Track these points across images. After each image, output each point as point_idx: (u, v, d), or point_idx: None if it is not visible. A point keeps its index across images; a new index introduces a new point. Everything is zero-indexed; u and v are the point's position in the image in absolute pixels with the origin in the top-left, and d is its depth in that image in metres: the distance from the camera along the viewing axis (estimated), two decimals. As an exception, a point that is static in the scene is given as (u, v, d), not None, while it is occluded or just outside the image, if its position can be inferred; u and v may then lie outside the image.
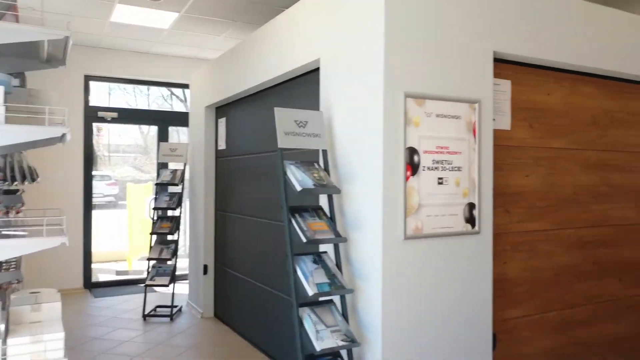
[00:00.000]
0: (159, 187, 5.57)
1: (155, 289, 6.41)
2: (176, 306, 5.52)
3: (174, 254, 5.38)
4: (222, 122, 5.16)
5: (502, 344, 3.14)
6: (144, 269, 6.93)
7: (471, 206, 2.85)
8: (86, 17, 5.39)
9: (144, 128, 9.32)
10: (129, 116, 7.16)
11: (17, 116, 2.09)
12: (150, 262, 5.40)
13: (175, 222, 5.46)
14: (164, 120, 7.26)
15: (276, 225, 3.96)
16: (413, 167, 2.65)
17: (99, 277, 7.00)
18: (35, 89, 2.59)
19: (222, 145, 5.14)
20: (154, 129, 7.41)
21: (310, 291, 2.55)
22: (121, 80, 7.00)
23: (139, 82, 7.14)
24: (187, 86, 6.79)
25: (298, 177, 2.72)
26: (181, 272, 6.90)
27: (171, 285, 5.30)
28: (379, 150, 2.58)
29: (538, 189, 3.32)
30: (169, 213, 5.56)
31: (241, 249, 4.67)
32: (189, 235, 5.92)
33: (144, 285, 5.39)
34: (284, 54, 3.63)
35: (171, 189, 5.89)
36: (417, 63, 2.68)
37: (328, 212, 2.88)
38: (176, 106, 8.35)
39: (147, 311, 5.29)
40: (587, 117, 3.55)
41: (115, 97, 7.91)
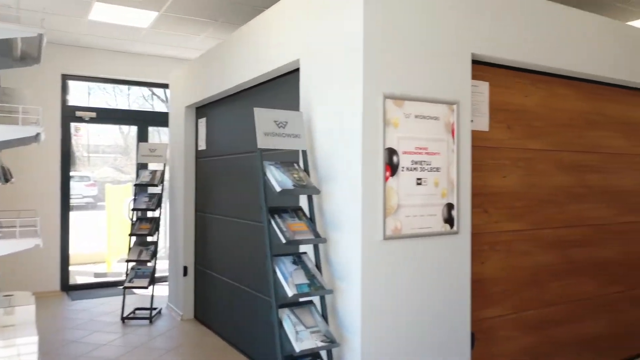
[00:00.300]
0: (138, 187, 5.50)
1: (135, 291, 6.33)
2: (155, 308, 5.46)
3: (154, 255, 5.32)
4: (202, 122, 5.12)
5: (480, 343, 3.17)
6: (123, 271, 6.84)
7: (450, 206, 2.87)
8: (63, 14, 5.30)
9: (124, 128, 9.20)
10: (107, 116, 7.06)
11: (-11, 115, 2.05)
12: (129, 263, 5.33)
13: (155, 223, 5.40)
14: (144, 121, 7.17)
15: (256, 226, 3.95)
16: (392, 168, 2.66)
17: (76, 279, 6.88)
18: (9, 87, 2.54)
19: (202, 145, 5.10)
20: (134, 130, 7.32)
21: (290, 292, 2.54)
22: (100, 80, 6.90)
23: (119, 81, 7.05)
24: (167, 86, 6.73)
25: (277, 178, 2.71)
26: (161, 273, 6.83)
27: (150, 287, 5.23)
28: (358, 151, 2.59)
29: (516, 190, 3.36)
30: (149, 214, 5.50)
31: (221, 250, 4.64)
32: (168, 236, 5.86)
33: (122, 287, 5.31)
34: (264, 54, 3.62)
35: (151, 189, 5.83)
36: (396, 64, 2.70)
37: (308, 213, 2.88)
38: (157, 106, 8.27)
39: (125, 314, 5.22)
40: (563, 119, 3.61)
41: (94, 97, 7.79)
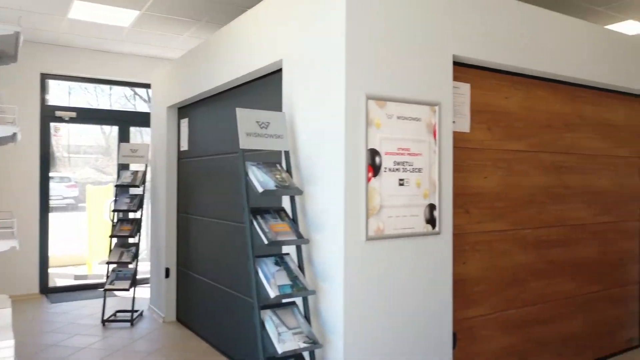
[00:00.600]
0: (119, 188, 5.43)
1: (116, 293, 6.26)
2: (137, 311, 5.40)
3: (135, 257, 5.26)
4: (185, 122, 5.08)
5: (461, 343, 3.19)
6: (104, 273, 6.75)
7: (432, 207, 2.89)
8: (42, 13, 5.21)
9: (105, 129, 9.08)
10: (88, 116, 6.96)
11: (-37, 114, 2.01)
12: (110, 265, 5.26)
13: (136, 224, 5.33)
14: (125, 121, 7.09)
15: (239, 227, 3.93)
16: (374, 169, 2.67)
17: (56, 281, 6.77)
18: (-15, 86, 2.49)
19: (185, 146, 5.06)
20: (116, 130, 7.23)
21: (272, 293, 2.53)
22: (81, 79, 6.80)
23: (100, 81, 6.95)
24: (149, 86, 6.66)
25: (260, 179, 2.70)
26: (142, 275, 6.76)
27: (132, 290, 5.17)
28: (340, 152, 2.59)
29: (496, 190, 3.40)
30: (130, 215, 5.43)
31: (204, 251, 4.60)
32: (150, 238, 5.80)
33: (103, 289, 5.24)
34: (246, 54, 3.60)
35: (132, 190, 5.76)
36: (378, 65, 2.70)
37: (290, 214, 2.87)
38: (140, 106, 8.18)
39: (106, 316, 5.15)
40: (543, 120, 3.66)
41: (75, 97, 7.67)
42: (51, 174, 6.53)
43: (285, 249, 3.05)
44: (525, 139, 3.56)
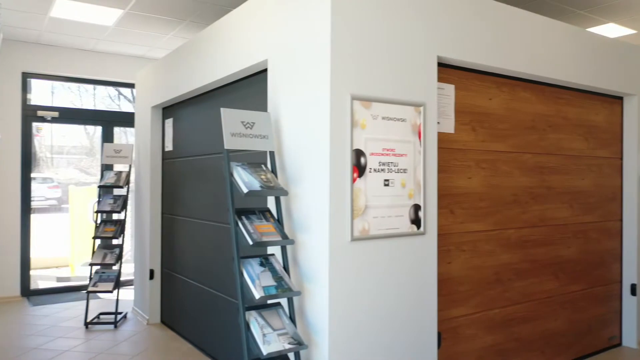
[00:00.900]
0: (103, 189, 5.37)
1: (99, 295, 6.19)
2: (121, 313, 5.34)
3: (119, 258, 5.20)
4: (169, 122, 5.04)
5: (446, 342, 3.21)
6: (87, 275, 6.67)
7: (417, 207, 2.90)
8: (23, 11, 5.13)
9: (89, 129, 8.97)
10: (71, 116, 6.86)
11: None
12: (93, 267, 5.20)
13: (120, 225, 5.28)
14: (109, 121, 7.01)
15: (224, 228, 3.91)
16: (360, 169, 2.67)
17: (38, 284, 6.67)
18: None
19: (169, 146, 5.02)
20: (100, 130, 7.15)
21: (257, 294, 2.52)
22: (64, 79, 6.70)
23: (83, 80, 6.86)
24: (134, 86, 6.59)
25: (245, 179, 2.69)
26: (126, 277, 6.69)
27: (115, 291, 5.11)
28: (326, 152, 2.59)
29: (480, 191, 3.42)
30: (114, 216, 5.38)
31: (188, 252, 4.57)
32: (134, 239, 5.74)
33: (86, 291, 5.17)
34: (231, 54, 3.58)
35: (116, 191, 5.70)
36: (363, 66, 2.71)
37: (276, 214, 2.86)
38: (125, 106, 8.09)
39: (89, 319, 5.08)
40: (526, 121, 3.70)
41: (58, 97, 7.56)
42: (33, 175, 6.43)
43: (270, 249, 3.04)
44: (508, 139, 3.59)
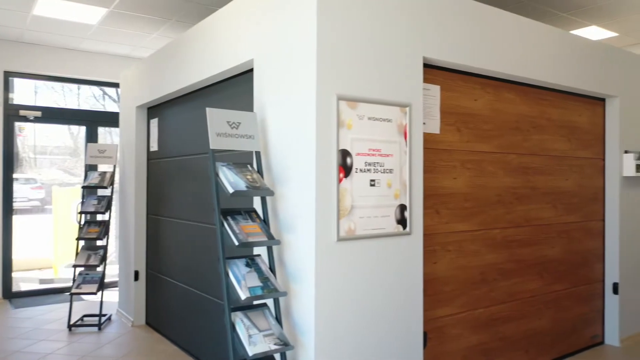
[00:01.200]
0: (87, 190, 5.31)
1: (84, 297, 6.11)
2: (105, 315, 5.28)
3: (103, 260, 5.14)
4: (154, 122, 4.99)
5: (432, 342, 3.23)
6: (70, 276, 6.58)
7: (402, 207, 2.91)
8: (5, 8, 5.05)
9: (74, 129, 8.86)
10: (54, 116, 6.78)
11: None
12: (77, 269, 5.13)
13: (104, 226, 5.22)
14: (93, 121, 6.94)
15: (209, 228, 3.88)
16: (346, 169, 2.68)
17: (20, 286, 6.56)
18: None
19: (154, 146, 4.98)
20: (85, 130, 7.06)
21: (243, 295, 2.51)
22: (47, 78, 6.61)
23: (67, 80, 6.78)
24: (118, 85, 6.53)
25: (230, 179, 2.67)
26: (111, 279, 6.62)
27: (100, 293, 5.06)
28: (312, 152, 2.59)
29: (465, 191, 3.45)
30: (98, 217, 5.31)
31: (174, 253, 4.53)
32: (118, 240, 5.68)
33: (69, 293, 5.10)
34: (217, 53, 3.57)
35: (100, 192, 5.64)
36: (349, 66, 2.71)
37: (262, 215, 2.85)
38: (110, 106, 8.01)
39: (73, 321, 5.02)
40: (510, 122, 3.73)
41: (42, 96, 7.46)
42: (16, 176, 6.34)
43: (256, 250, 3.03)
44: (493, 140, 3.62)
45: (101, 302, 5.10)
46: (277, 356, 2.73)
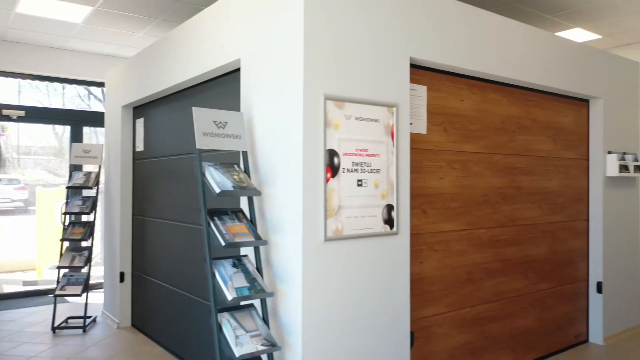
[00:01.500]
0: (72, 190, 5.24)
1: (68, 299, 6.03)
2: (90, 317, 5.22)
3: (88, 261, 5.07)
4: (140, 122, 4.95)
5: (419, 342, 3.24)
6: (54, 278, 6.50)
7: (389, 207, 2.91)
8: (-12, 6, 4.98)
9: (58, 129, 8.75)
10: (38, 115, 6.68)
11: None
12: (61, 270, 5.06)
13: (89, 227, 5.16)
14: (78, 120, 6.86)
15: (196, 229, 3.86)
16: (333, 169, 2.67)
17: (3, 288, 6.47)
18: None
19: (140, 146, 4.93)
20: (69, 130, 6.98)
21: (230, 296, 2.50)
22: (30, 77, 6.52)
23: (51, 79, 6.69)
24: (104, 85, 6.46)
25: (217, 179, 2.65)
26: (96, 280, 6.55)
27: (84, 295, 4.99)
28: (299, 152, 2.58)
29: (452, 191, 3.46)
30: (83, 218, 5.25)
31: (160, 254, 4.49)
32: (103, 241, 5.62)
33: (53, 295, 5.04)
34: (204, 53, 3.54)
35: (85, 192, 5.58)
36: (336, 66, 2.71)
37: (249, 215, 2.84)
38: (95, 106, 7.92)
39: (57, 323, 4.95)
40: (496, 123, 3.76)
41: (25, 95, 7.35)
42: (-2, 176, 6.24)
43: (243, 250, 3.02)
44: (479, 140, 3.65)
45: (86, 304, 5.04)
46: (265, 357, 2.72)
